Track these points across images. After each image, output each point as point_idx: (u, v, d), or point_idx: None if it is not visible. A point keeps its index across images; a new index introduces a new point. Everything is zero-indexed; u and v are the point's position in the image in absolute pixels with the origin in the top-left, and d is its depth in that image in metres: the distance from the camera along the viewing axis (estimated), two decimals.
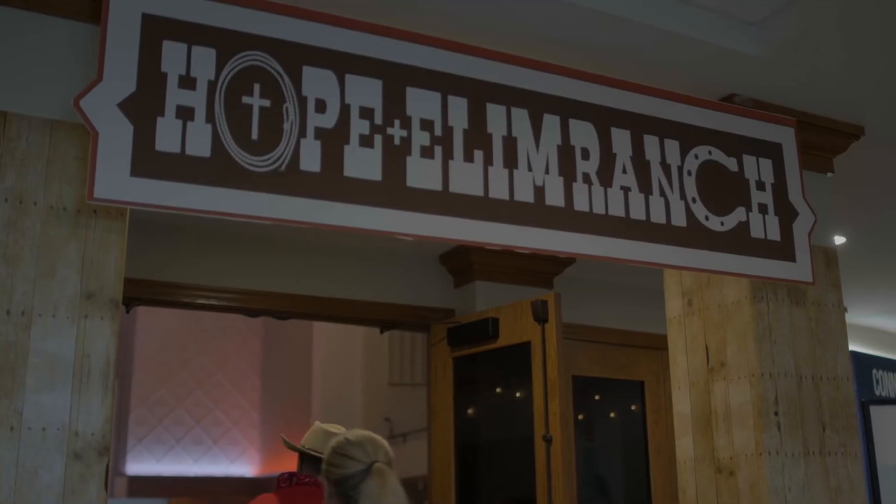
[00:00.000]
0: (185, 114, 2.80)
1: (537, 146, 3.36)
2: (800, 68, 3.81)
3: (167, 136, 2.76)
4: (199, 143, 2.80)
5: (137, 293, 5.00)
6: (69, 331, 2.75)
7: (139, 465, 13.35)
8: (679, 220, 3.59)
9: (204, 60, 2.87)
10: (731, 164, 3.80)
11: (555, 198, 3.34)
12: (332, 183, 2.96)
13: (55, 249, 2.78)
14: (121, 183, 2.67)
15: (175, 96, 2.80)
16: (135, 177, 2.69)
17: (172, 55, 2.82)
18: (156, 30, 2.81)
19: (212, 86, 2.86)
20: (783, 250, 3.83)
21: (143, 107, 2.74)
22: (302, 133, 2.96)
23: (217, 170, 2.80)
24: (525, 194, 3.29)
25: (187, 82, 2.83)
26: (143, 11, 2.80)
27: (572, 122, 3.45)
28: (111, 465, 2.88)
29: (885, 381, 5.72)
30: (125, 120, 2.70)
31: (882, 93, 4.08)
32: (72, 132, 2.84)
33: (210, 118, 2.83)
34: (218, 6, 2.92)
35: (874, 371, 5.65)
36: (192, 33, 2.86)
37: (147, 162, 2.71)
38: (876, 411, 4.70)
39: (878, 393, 5.61)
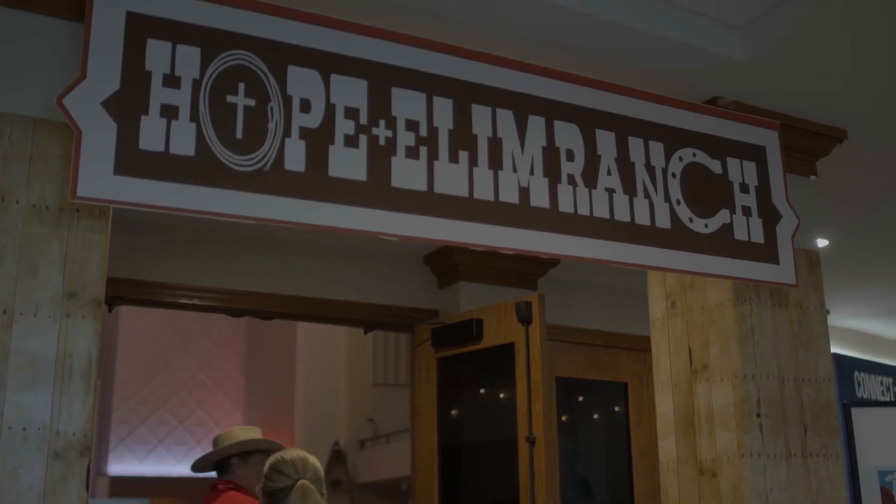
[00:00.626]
0: (170, 112, 2.79)
1: (522, 147, 3.36)
2: (784, 72, 3.83)
3: (151, 134, 2.75)
4: (184, 142, 2.79)
5: (120, 292, 4.98)
6: (51, 330, 2.73)
7: (121, 466, 13.30)
8: (663, 221, 3.60)
9: (189, 59, 2.86)
10: (715, 166, 3.81)
11: (539, 199, 3.34)
12: (316, 183, 2.96)
13: (37, 248, 2.77)
14: (104, 182, 2.66)
15: (159, 95, 2.79)
16: (118, 175, 2.69)
17: (157, 54, 2.81)
18: (140, 28, 2.80)
19: (196, 85, 2.85)
20: (766, 252, 3.85)
21: (127, 105, 2.73)
22: (287, 133, 2.95)
23: (201, 169, 2.80)
24: (510, 195, 3.29)
25: (172, 81, 2.82)
26: (128, 10, 2.79)
27: (557, 124, 3.46)
28: (93, 465, 2.87)
29: (867, 383, 5.76)
30: (109, 118, 2.69)
31: (864, 96, 4.10)
32: (55, 130, 2.83)
33: (194, 117, 2.82)
34: (203, 5, 2.91)
35: (856, 373, 5.68)
36: (177, 32, 2.86)
37: (131, 161, 2.70)
38: (857, 413, 4.73)
39: (859, 395, 5.64)
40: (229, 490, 3.90)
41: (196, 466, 4.14)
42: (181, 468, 13.20)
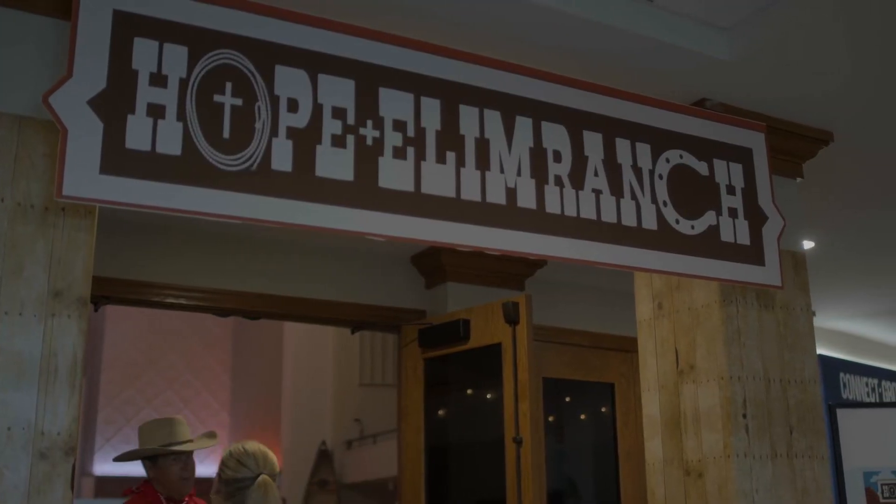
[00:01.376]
0: (156, 112, 2.78)
1: (509, 148, 3.36)
2: (770, 74, 3.84)
3: (137, 133, 2.74)
4: (170, 142, 2.78)
5: (106, 292, 4.96)
6: (36, 329, 2.72)
7: (107, 466, 13.25)
8: (650, 223, 3.61)
9: (176, 58, 2.85)
10: (701, 168, 3.82)
11: (526, 200, 3.34)
12: (303, 183, 2.95)
13: (22, 247, 2.75)
14: (90, 180, 2.65)
15: (146, 94, 2.78)
16: (104, 174, 2.67)
17: (143, 52, 2.80)
18: (127, 27, 2.79)
19: (183, 84, 2.84)
20: (752, 254, 3.86)
21: (114, 104, 2.72)
22: (274, 132, 2.95)
23: (188, 168, 2.79)
24: (497, 196, 3.29)
25: (158, 80, 2.81)
26: (115, 8, 2.78)
27: (544, 125, 3.46)
28: (78, 465, 2.86)
29: (852, 384, 5.77)
30: (95, 117, 2.68)
31: (851, 99, 4.12)
32: (41, 129, 2.81)
33: (181, 116, 2.81)
34: (191, 4, 2.90)
35: (841, 374, 5.70)
36: (164, 31, 2.85)
37: (117, 159, 2.69)
38: (843, 414, 4.74)
39: (844, 396, 5.65)
40: (132, 494, 3.83)
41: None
42: None
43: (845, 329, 8.83)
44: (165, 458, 3.76)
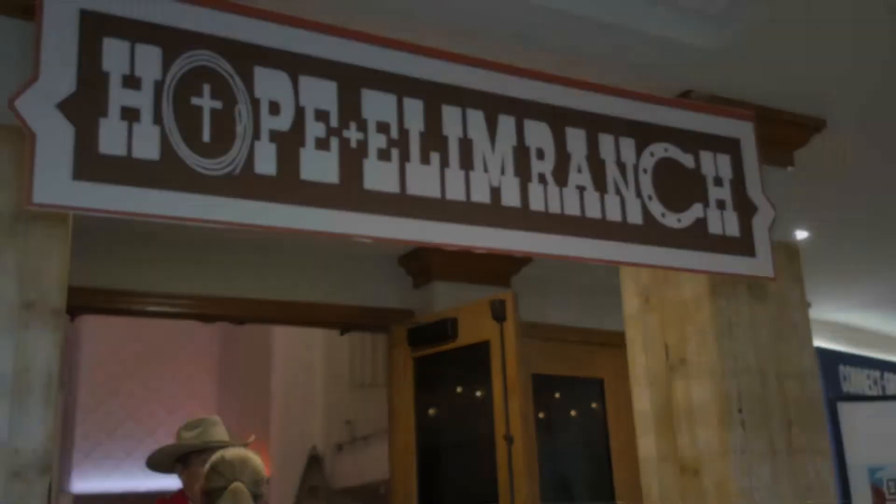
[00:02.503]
0: (131, 115, 2.71)
1: (493, 147, 3.35)
2: (759, 61, 3.81)
3: (111, 137, 2.66)
4: (147, 146, 2.71)
5: (83, 302, 4.87)
6: (7, 343, 2.64)
7: (85, 483, 12.95)
8: (635, 217, 3.58)
9: (149, 59, 2.78)
10: (687, 160, 3.79)
11: (511, 198, 3.33)
12: (288, 186, 2.92)
13: None
14: (62, 187, 2.57)
15: (119, 97, 2.71)
16: (77, 180, 2.60)
17: (114, 53, 2.72)
18: (95, 26, 2.71)
19: (158, 86, 2.78)
20: (742, 245, 3.83)
21: (85, 107, 2.64)
22: (256, 135, 2.90)
23: (167, 173, 2.72)
24: (481, 195, 3.28)
25: (132, 82, 2.74)
26: (81, 7, 2.70)
27: (527, 123, 3.44)
28: (55, 483, 2.78)
29: (853, 377, 5.73)
30: (65, 121, 2.60)
31: (844, 84, 4.08)
32: (7, 134, 2.73)
33: (158, 120, 2.74)
34: (161, 3, 2.83)
35: (841, 367, 5.65)
36: (135, 31, 2.77)
37: (90, 165, 2.62)
38: (844, 408, 4.69)
39: (845, 389, 5.61)
40: (164, 503, 3.73)
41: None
42: (151, 482, 12.93)
43: (844, 320, 8.74)
44: (198, 458, 3.56)
